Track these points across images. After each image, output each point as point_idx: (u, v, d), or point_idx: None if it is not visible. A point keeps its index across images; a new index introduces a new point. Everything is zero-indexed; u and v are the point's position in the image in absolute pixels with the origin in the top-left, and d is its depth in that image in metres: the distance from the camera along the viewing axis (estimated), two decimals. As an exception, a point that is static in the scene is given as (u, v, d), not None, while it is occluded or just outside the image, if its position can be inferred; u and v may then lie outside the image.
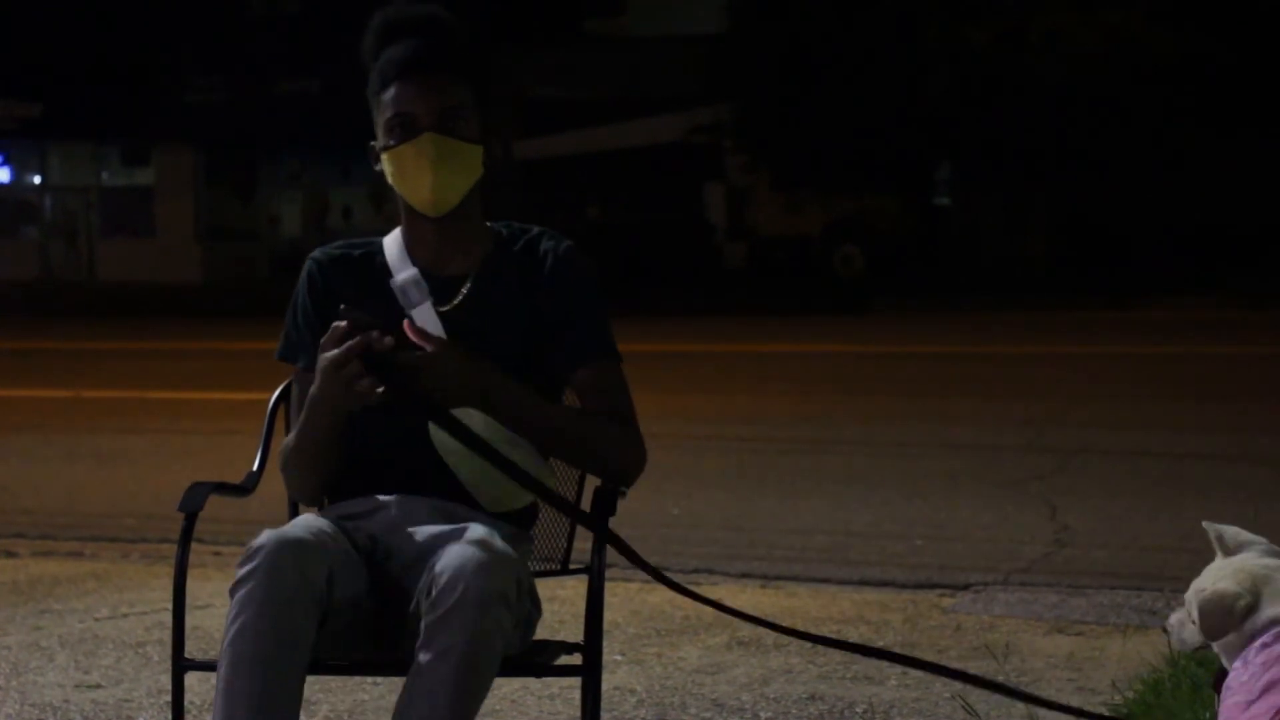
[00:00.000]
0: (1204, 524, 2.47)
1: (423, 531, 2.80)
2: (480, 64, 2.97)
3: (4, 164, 35.63)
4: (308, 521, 2.74)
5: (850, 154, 26.36)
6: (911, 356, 14.92)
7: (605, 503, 2.87)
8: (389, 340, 2.65)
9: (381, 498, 2.86)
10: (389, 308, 2.87)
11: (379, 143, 2.93)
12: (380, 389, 2.65)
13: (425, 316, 2.87)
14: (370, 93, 2.94)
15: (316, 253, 3.01)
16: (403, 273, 2.92)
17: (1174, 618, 2.47)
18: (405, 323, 2.76)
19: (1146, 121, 24.82)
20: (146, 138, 33.62)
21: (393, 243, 3.00)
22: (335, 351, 2.66)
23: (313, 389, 2.75)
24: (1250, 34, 24.82)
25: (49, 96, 33.10)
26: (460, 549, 2.60)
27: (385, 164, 2.91)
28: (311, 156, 33.70)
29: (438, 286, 2.93)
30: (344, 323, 2.67)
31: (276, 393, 3.15)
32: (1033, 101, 25.08)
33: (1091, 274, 24.43)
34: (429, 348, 2.70)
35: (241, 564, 2.61)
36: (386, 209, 32.73)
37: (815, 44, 26.12)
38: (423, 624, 2.57)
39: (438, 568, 2.59)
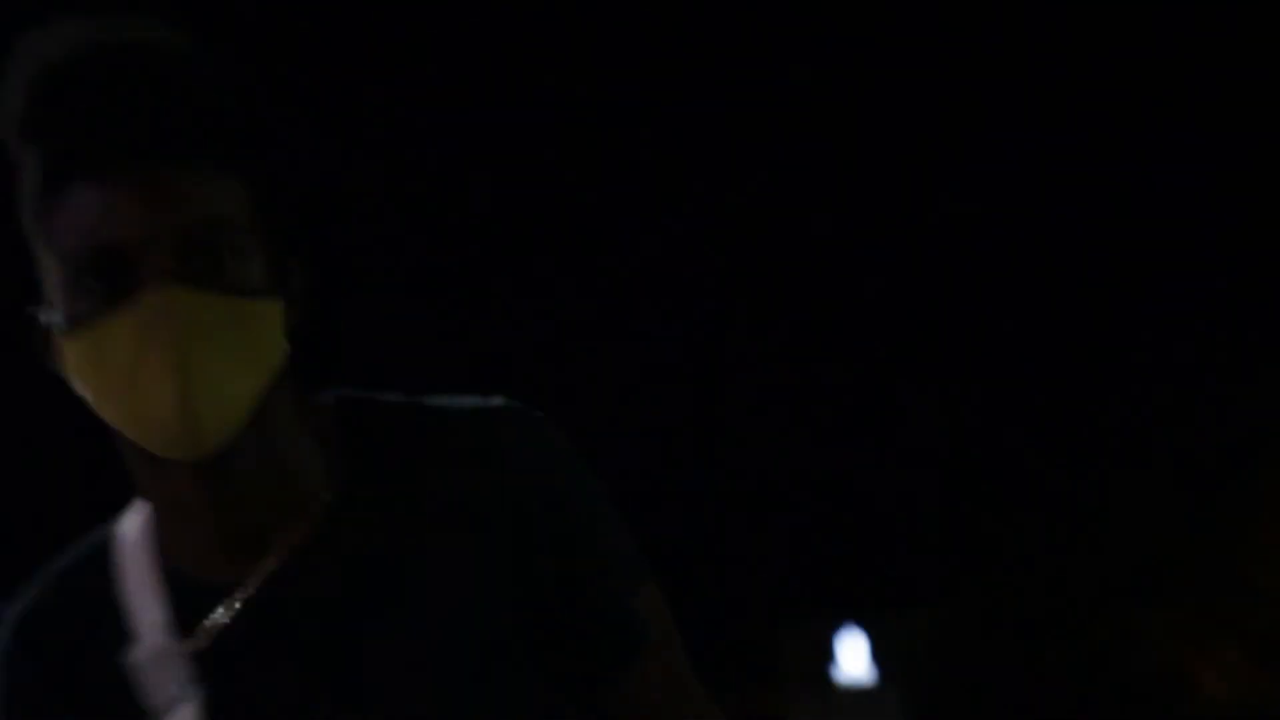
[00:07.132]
0: None
1: None
2: (263, 134, 1.46)
3: None
4: None
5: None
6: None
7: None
8: None
9: None
10: (126, 704, 1.39)
11: (55, 312, 1.38)
12: None
13: None
14: (27, 203, 1.38)
15: (6, 623, 1.45)
16: (146, 635, 1.41)
17: None
18: None
19: None
20: None
21: (136, 538, 1.46)
22: None
23: None
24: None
25: None
26: None
27: (71, 357, 1.38)
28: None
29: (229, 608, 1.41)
30: None
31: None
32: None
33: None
34: None
35: None
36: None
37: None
38: None
39: None
